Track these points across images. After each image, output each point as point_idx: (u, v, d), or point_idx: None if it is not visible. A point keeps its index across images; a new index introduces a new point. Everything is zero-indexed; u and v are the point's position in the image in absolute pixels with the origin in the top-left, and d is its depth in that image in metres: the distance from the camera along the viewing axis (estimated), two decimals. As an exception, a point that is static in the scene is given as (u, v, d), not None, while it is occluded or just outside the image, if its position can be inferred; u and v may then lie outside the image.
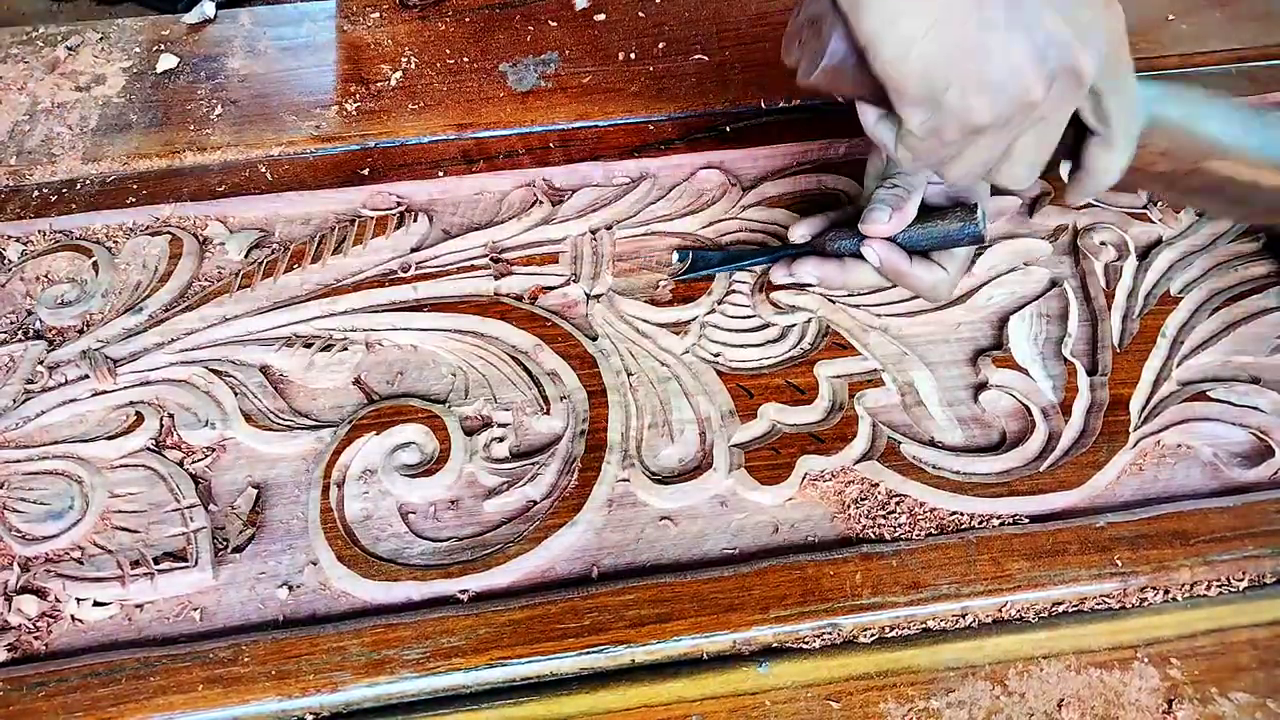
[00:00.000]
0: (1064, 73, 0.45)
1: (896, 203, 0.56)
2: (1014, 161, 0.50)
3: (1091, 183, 0.52)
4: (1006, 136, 0.48)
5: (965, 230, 0.56)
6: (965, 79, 0.44)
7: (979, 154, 0.48)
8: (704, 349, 0.62)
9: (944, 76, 0.44)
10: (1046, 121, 0.47)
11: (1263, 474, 0.56)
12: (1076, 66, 0.45)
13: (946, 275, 0.58)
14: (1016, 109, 0.45)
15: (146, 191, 0.71)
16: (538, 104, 0.76)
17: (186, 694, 0.49)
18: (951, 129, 0.46)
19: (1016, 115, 0.46)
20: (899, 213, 0.56)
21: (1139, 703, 0.49)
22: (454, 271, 0.65)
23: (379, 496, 0.56)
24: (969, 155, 0.49)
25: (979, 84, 0.44)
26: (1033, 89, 0.45)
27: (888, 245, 0.57)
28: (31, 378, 0.61)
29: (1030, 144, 0.49)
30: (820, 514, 0.56)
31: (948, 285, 0.59)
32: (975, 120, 0.46)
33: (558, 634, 0.51)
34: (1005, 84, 0.44)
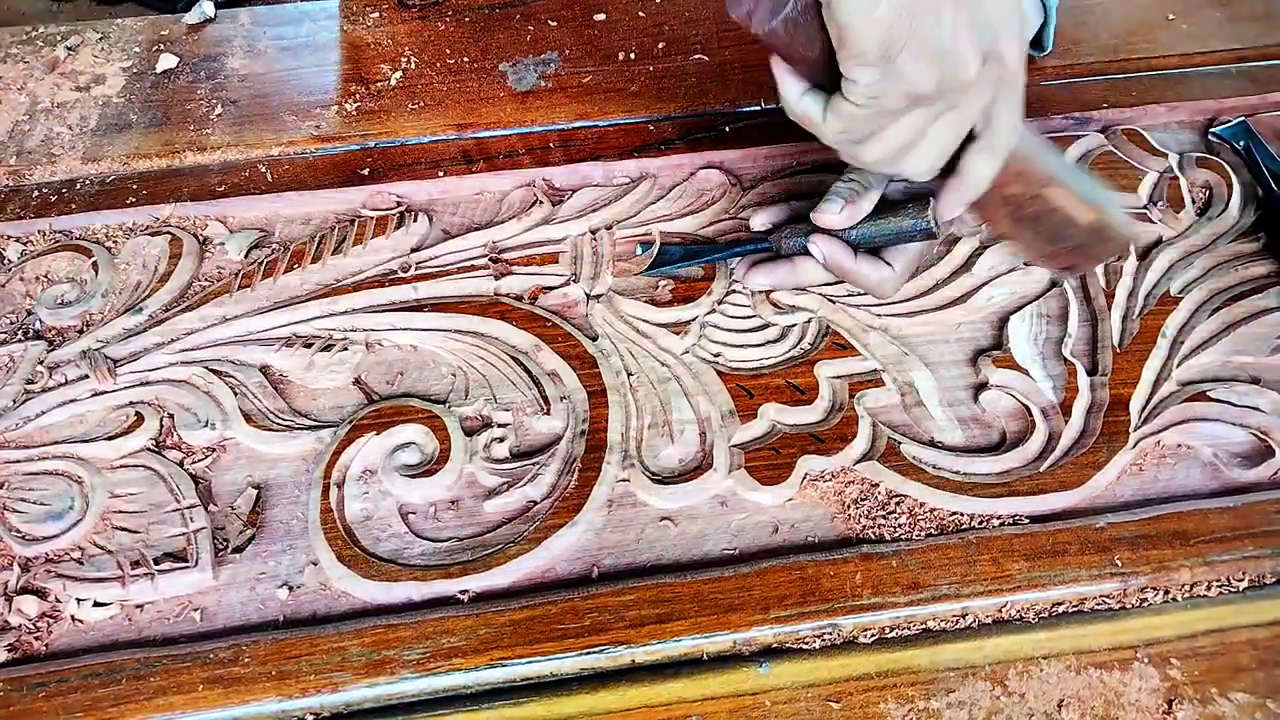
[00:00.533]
0: (993, 58, 0.47)
1: (851, 196, 0.57)
2: (923, 149, 0.51)
3: (965, 188, 0.53)
4: (929, 117, 0.49)
5: (916, 226, 0.56)
6: (920, 43, 0.45)
7: (903, 132, 0.50)
8: (704, 349, 0.62)
9: (902, 38, 0.45)
10: (961, 110, 0.49)
11: (1263, 474, 0.56)
12: (1003, 54, 0.47)
13: (892, 273, 0.58)
14: (951, 84, 0.47)
15: (146, 191, 0.71)
16: (538, 104, 0.76)
17: (186, 694, 0.49)
18: (894, 96, 0.48)
19: (949, 92, 0.48)
20: (852, 206, 0.56)
21: (1139, 703, 0.49)
22: (454, 271, 0.65)
23: (379, 497, 0.57)
24: (892, 133, 0.50)
25: (929, 50, 0.46)
26: (969, 66, 0.47)
27: (833, 241, 0.57)
28: (31, 378, 0.61)
29: (942, 131, 0.50)
30: (820, 514, 0.56)
31: (893, 283, 0.59)
32: (920, 87, 0.47)
33: (558, 634, 0.51)
34: (949, 55, 0.46)
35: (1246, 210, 0.68)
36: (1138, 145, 0.71)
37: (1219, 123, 0.72)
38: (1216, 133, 0.72)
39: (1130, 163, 0.70)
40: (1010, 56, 0.47)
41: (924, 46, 0.45)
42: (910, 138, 0.50)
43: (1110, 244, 0.59)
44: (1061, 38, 0.73)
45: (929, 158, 0.52)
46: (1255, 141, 0.70)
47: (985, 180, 0.53)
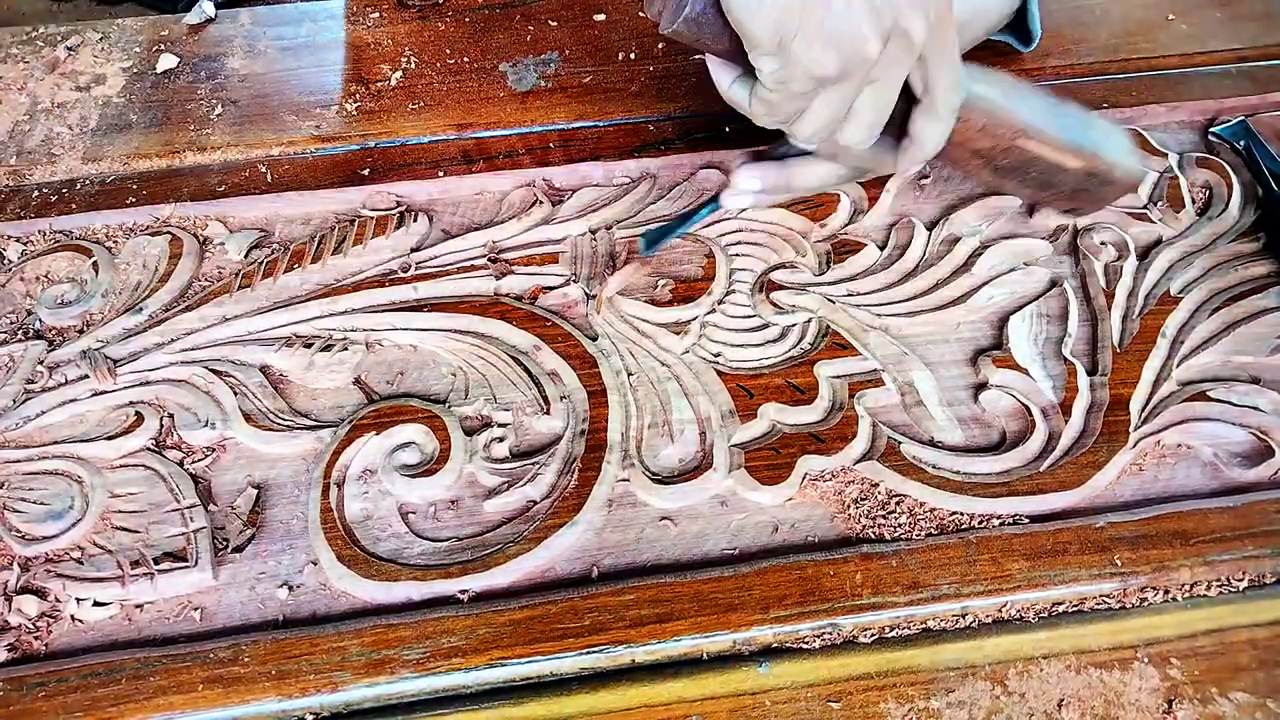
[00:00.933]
0: (897, 34, 0.48)
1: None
2: (854, 121, 0.52)
3: (917, 150, 0.55)
4: (849, 92, 0.51)
5: None
6: (810, 29, 0.47)
7: (825, 109, 0.52)
8: (704, 349, 0.62)
9: (793, 25, 0.47)
10: (882, 83, 0.51)
11: (1263, 474, 0.56)
12: (907, 28, 0.48)
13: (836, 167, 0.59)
14: (855, 63, 0.49)
15: (146, 191, 0.71)
16: (538, 104, 0.76)
17: (186, 694, 0.49)
18: (799, 80, 0.50)
19: (856, 70, 0.49)
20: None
21: (1139, 703, 0.49)
22: (454, 271, 0.65)
23: (379, 496, 0.57)
24: (816, 111, 0.52)
25: (823, 35, 0.48)
26: (869, 44, 0.48)
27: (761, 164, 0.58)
28: (31, 378, 0.61)
29: (868, 102, 0.52)
30: (820, 514, 0.56)
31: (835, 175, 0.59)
32: (819, 71, 0.49)
33: (558, 634, 0.51)
34: (845, 36, 0.48)
35: (1246, 210, 0.68)
36: (1138, 145, 0.71)
37: (1219, 123, 0.72)
38: (1216, 133, 0.72)
39: (1130, 163, 0.70)
40: (914, 30, 0.48)
41: (816, 33, 0.47)
42: (835, 113, 0.52)
43: (1114, 185, 0.59)
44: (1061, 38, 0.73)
45: (861, 130, 0.53)
46: (1255, 141, 0.70)
47: (934, 141, 0.54)
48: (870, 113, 0.52)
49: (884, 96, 0.52)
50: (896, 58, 0.50)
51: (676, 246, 0.67)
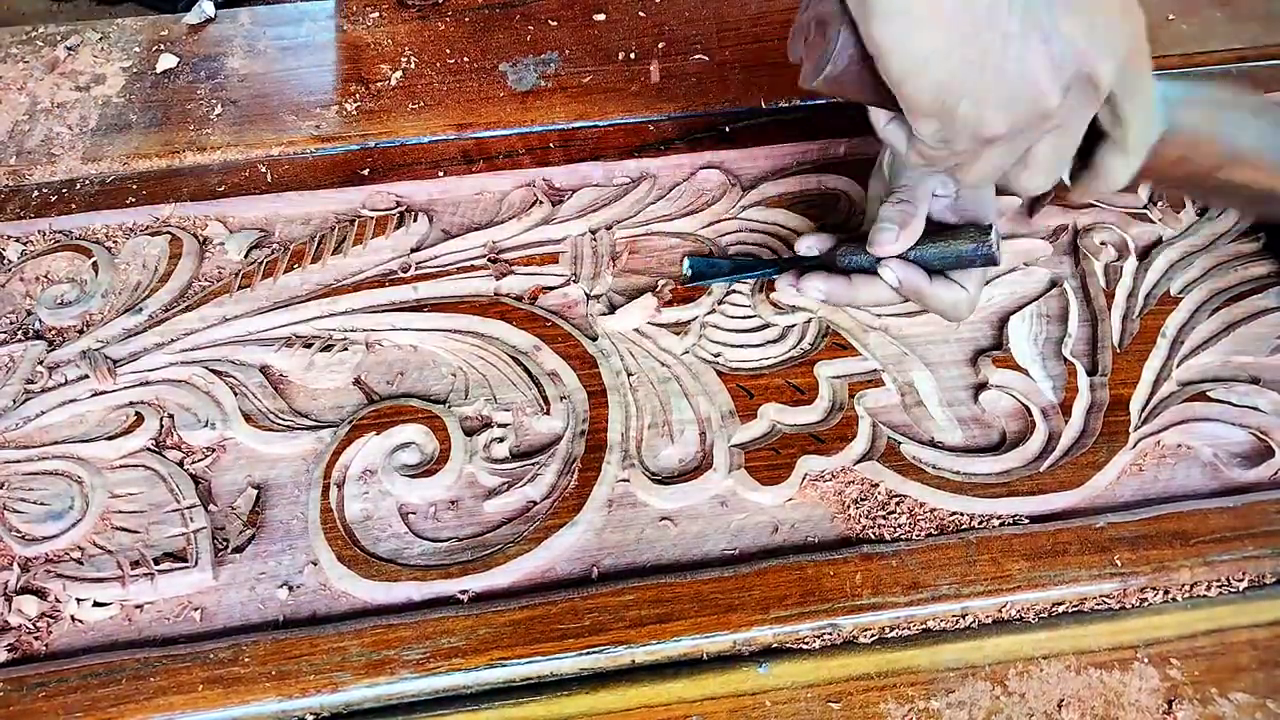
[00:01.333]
0: (1079, 81, 0.44)
1: (903, 220, 0.55)
2: (1031, 168, 0.49)
3: (1098, 184, 0.51)
4: (1023, 144, 0.47)
5: (978, 251, 0.55)
6: (979, 92, 0.43)
7: (994, 160, 0.48)
8: (704, 349, 0.62)
9: (958, 90, 0.44)
10: (1064, 129, 0.47)
11: (1263, 474, 0.56)
12: (1093, 74, 0.44)
13: (967, 294, 0.56)
14: (1031, 118, 0.45)
15: (146, 191, 0.71)
16: (538, 104, 0.76)
17: (186, 694, 0.49)
18: (964, 139, 0.46)
19: (1032, 124, 0.45)
20: (905, 230, 0.55)
21: (1139, 703, 0.49)
22: (454, 271, 0.65)
23: (379, 497, 0.56)
24: (984, 161, 0.48)
25: (994, 97, 0.44)
26: (1048, 98, 0.44)
27: (906, 264, 0.56)
28: (31, 378, 0.61)
29: (1047, 151, 0.48)
30: (820, 514, 0.56)
31: (968, 303, 0.57)
32: (988, 132, 0.45)
33: (558, 634, 0.51)
34: (1020, 95, 0.44)
35: (1246, 210, 0.68)
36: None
37: (1219, 123, 0.72)
38: (1216, 133, 0.72)
39: (1130, 163, 0.70)
40: (1102, 75, 0.44)
41: (986, 94, 0.44)
42: (1007, 162, 0.48)
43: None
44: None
45: (1040, 177, 0.49)
46: (1256, 141, 0.70)
47: (1123, 178, 0.50)
48: (1050, 160, 0.49)
49: (1066, 143, 0.48)
50: (1080, 104, 0.46)
51: (676, 246, 0.67)
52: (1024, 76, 0.43)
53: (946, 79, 0.43)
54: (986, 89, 0.43)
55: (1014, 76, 0.43)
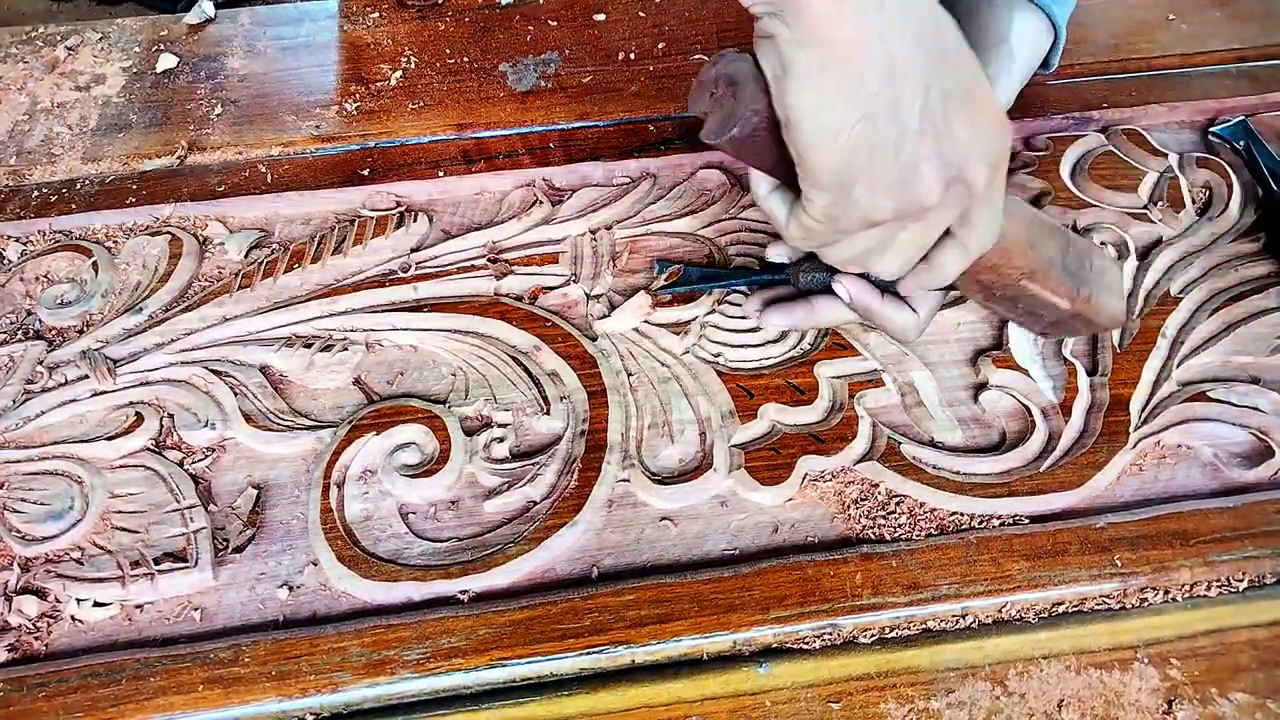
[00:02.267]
0: (958, 182, 0.46)
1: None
2: (890, 255, 0.50)
3: (930, 277, 0.53)
4: (893, 230, 0.49)
5: None
6: (875, 176, 0.45)
7: (863, 243, 0.50)
8: (704, 349, 0.62)
9: (859, 170, 0.45)
10: (929, 224, 0.49)
11: (1263, 474, 0.56)
12: (970, 178, 0.46)
13: (916, 318, 0.57)
14: (912, 209, 0.47)
15: (146, 191, 0.71)
16: (538, 104, 0.76)
17: (186, 694, 0.49)
18: (851, 219, 0.47)
19: (910, 215, 0.47)
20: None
21: (1139, 703, 0.49)
22: (454, 271, 0.65)
23: (379, 497, 0.56)
24: (853, 243, 0.50)
25: (886, 183, 0.45)
26: (931, 193, 0.46)
27: (860, 282, 0.56)
28: (31, 378, 0.61)
29: (909, 241, 0.50)
30: (820, 514, 0.56)
31: (916, 328, 0.57)
32: (876, 216, 0.47)
33: (558, 634, 0.51)
34: (909, 186, 0.45)
35: (1246, 210, 0.68)
36: (1138, 145, 0.71)
37: (1219, 123, 0.72)
38: (1216, 132, 0.72)
39: (1130, 163, 0.70)
40: (976, 179, 0.46)
41: (880, 178, 0.45)
42: (873, 247, 0.50)
43: (1095, 326, 0.58)
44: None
45: (895, 264, 0.51)
46: (1255, 141, 0.70)
47: (952, 275, 0.52)
48: (910, 250, 0.50)
49: (926, 236, 0.50)
50: (952, 204, 0.47)
51: (677, 247, 0.67)
52: (916, 170, 0.45)
53: (852, 157, 0.44)
54: (882, 174, 0.45)
55: (907, 167, 0.45)
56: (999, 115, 0.47)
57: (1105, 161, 0.70)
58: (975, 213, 0.49)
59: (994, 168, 0.47)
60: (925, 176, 0.45)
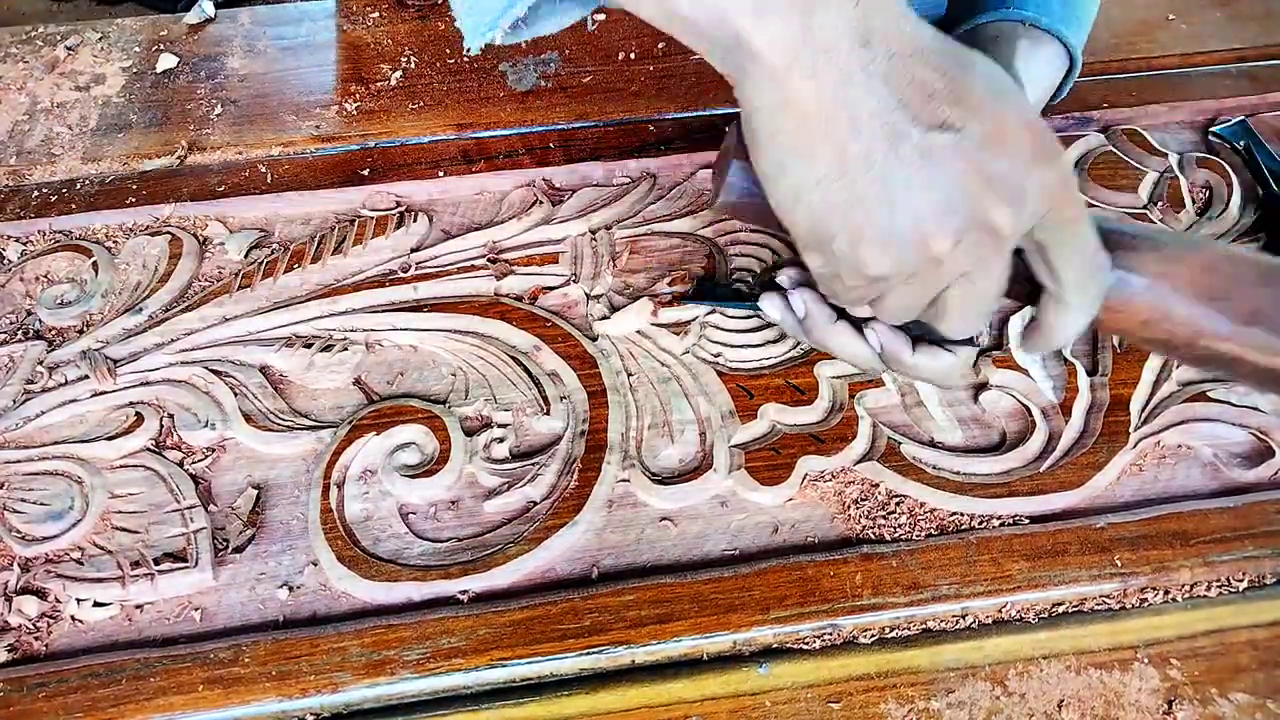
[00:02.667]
0: (977, 228, 0.42)
1: None
2: (948, 313, 0.46)
3: (1042, 340, 0.48)
4: (926, 286, 0.45)
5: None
6: (853, 230, 0.42)
7: (900, 299, 0.46)
8: (704, 349, 0.62)
9: (830, 227, 0.42)
10: (971, 276, 0.44)
11: (1263, 474, 0.56)
12: (990, 222, 0.41)
13: (955, 359, 0.52)
14: (920, 263, 0.43)
15: (146, 191, 0.71)
16: (538, 104, 0.76)
17: (186, 695, 0.49)
18: (848, 276, 0.44)
19: (924, 268, 0.43)
20: None
21: (1139, 703, 0.49)
22: (454, 271, 0.65)
23: (379, 497, 0.56)
24: (891, 299, 0.46)
25: (869, 235, 0.42)
26: (935, 242, 0.42)
27: (891, 331, 0.52)
28: (31, 378, 0.61)
29: (958, 297, 0.45)
30: (820, 514, 0.56)
31: (959, 370, 0.53)
32: (869, 270, 0.43)
33: (558, 634, 0.51)
34: (901, 236, 0.41)
35: (1246, 210, 0.68)
36: (1138, 145, 0.71)
37: (1219, 123, 0.72)
38: (1216, 132, 0.72)
39: (1130, 163, 0.70)
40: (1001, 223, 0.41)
41: (861, 233, 0.42)
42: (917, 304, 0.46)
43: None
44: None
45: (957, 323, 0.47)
46: (1255, 141, 0.70)
47: (1067, 335, 0.47)
48: (965, 306, 0.46)
49: (979, 289, 0.45)
50: (981, 251, 0.42)
51: (677, 247, 0.67)
52: (911, 218, 0.41)
53: (821, 212, 0.42)
54: (862, 227, 0.42)
55: (899, 217, 0.41)
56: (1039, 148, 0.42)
57: (1105, 161, 0.70)
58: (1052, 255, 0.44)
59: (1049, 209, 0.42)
60: (923, 226, 0.41)
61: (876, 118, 0.40)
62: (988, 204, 0.41)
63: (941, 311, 0.47)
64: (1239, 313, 0.44)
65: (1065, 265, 0.45)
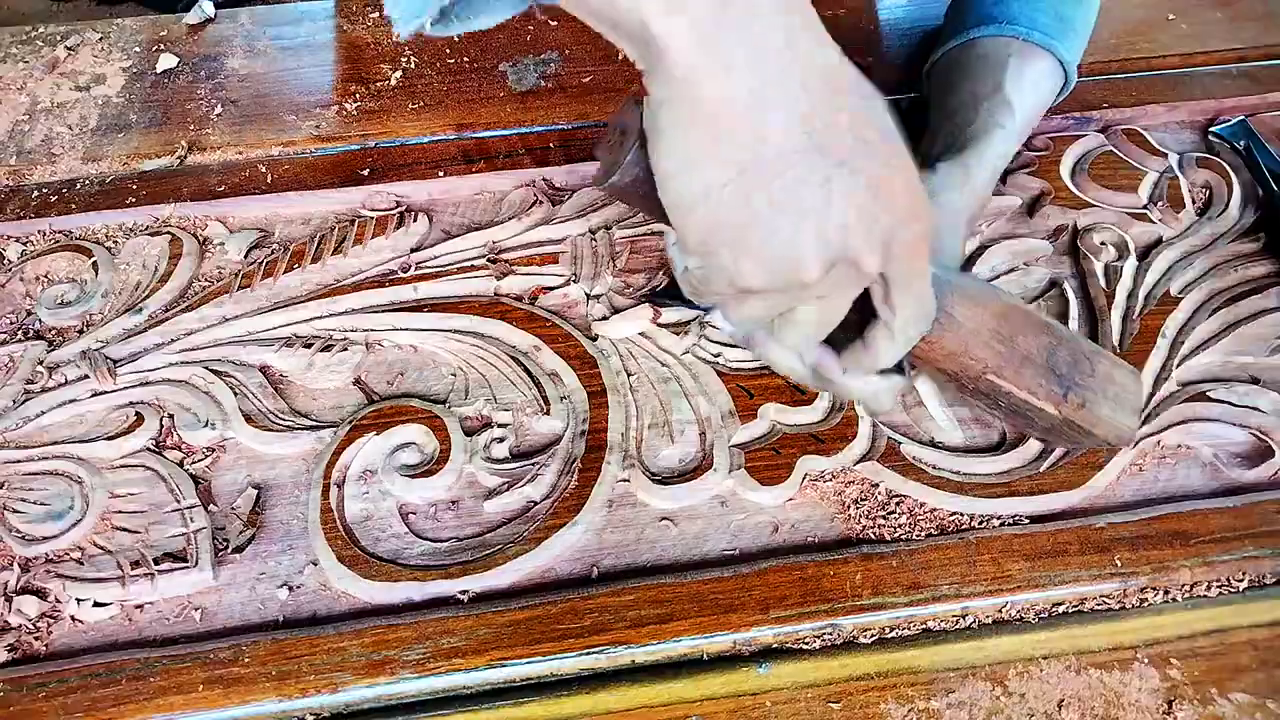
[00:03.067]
0: (845, 263, 0.43)
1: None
2: (794, 328, 0.48)
3: (867, 360, 0.50)
4: (784, 302, 0.46)
5: None
6: (741, 246, 0.42)
7: (754, 310, 0.47)
8: (704, 349, 0.62)
9: (721, 238, 0.42)
10: (828, 300, 0.46)
11: (1263, 474, 0.56)
12: (858, 261, 0.43)
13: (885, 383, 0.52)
14: (790, 284, 0.44)
15: (146, 191, 0.71)
16: (538, 104, 0.76)
17: (187, 695, 0.49)
18: (718, 281, 0.45)
19: (791, 288, 0.44)
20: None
21: (1139, 703, 0.49)
22: (454, 272, 0.65)
23: (379, 497, 0.56)
24: (745, 309, 0.47)
25: (754, 253, 0.42)
26: (808, 270, 0.42)
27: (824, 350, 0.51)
28: (31, 378, 0.61)
29: (811, 316, 0.47)
30: (820, 514, 0.56)
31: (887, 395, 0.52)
32: (741, 282, 0.44)
33: (558, 634, 0.51)
34: (781, 259, 0.42)
35: (1246, 210, 0.68)
36: (1138, 145, 0.71)
37: (1219, 123, 0.72)
38: (1216, 132, 0.72)
39: (1130, 163, 0.70)
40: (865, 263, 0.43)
41: (746, 250, 0.42)
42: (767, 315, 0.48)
43: (1094, 439, 0.54)
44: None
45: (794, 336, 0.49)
46: (1255, 141, 0.70)
47: (886, 360, 0.49)
48: (812, 326, 0.48)
49: (830, 314, 0.47)
50: (842, 283, 0.44)
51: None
52: (792, 245, 0.42)
53: (713, 224, 0.42)
54: (748, 245, 0.42)
55: (780, 243, 0.41)
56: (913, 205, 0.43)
57: (1105, 161, 0.70)
58: (894, 294, 0.46)
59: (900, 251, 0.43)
60: (800, 255, 0.42)
61: (784, 135, 0.39)
62: (862, 247, 0.42)
63: (783, 325, 0.48)
64: (1016, 355, 0.51)
65: (904, 303, 0.47)
